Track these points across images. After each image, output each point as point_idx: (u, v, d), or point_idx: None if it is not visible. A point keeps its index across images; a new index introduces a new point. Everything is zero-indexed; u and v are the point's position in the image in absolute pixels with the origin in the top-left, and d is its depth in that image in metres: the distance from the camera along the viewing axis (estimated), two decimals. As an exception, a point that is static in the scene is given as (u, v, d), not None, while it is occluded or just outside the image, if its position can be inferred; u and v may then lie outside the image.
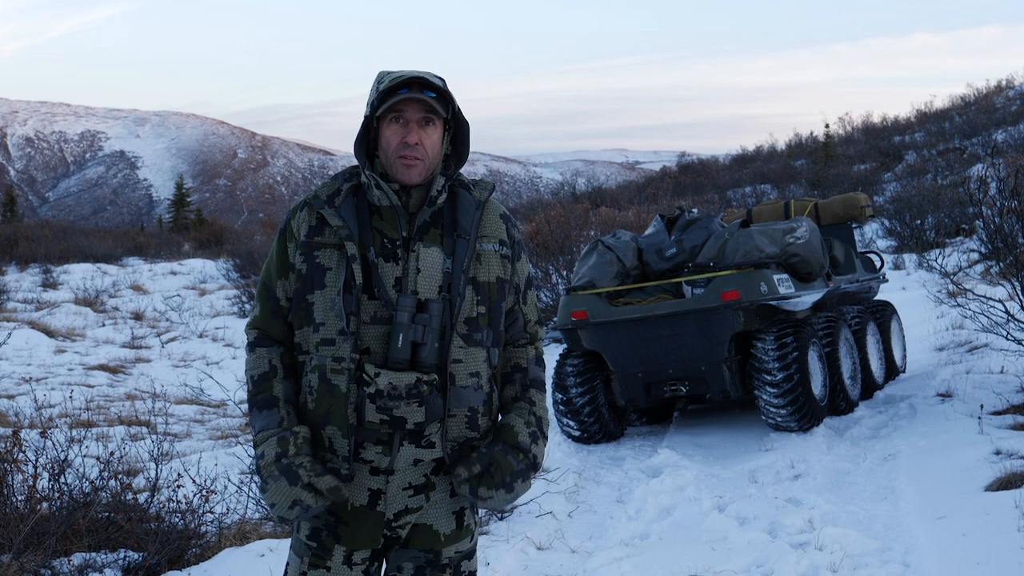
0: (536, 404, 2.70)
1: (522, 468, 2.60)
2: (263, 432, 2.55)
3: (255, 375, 2.61)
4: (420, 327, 2.47)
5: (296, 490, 2.47)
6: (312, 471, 2.47)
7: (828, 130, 41.19)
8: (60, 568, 4.58)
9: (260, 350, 2.62)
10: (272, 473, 2.49)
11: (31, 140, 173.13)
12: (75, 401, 9.98)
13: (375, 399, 2.46)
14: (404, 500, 2.57)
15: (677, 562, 5.03)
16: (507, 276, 2.66)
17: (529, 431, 2.63)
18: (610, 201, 28.12)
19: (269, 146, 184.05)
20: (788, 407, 7.39)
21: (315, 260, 2.56)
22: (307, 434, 2.54)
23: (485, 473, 2.56)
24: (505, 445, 2.60)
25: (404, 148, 2.55)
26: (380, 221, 2.58)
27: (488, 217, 2.67)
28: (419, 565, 2.63)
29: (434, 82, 2.55)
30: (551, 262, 14.65)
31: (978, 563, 4.47)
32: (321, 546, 2.58)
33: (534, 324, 2.79)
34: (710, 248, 7.78)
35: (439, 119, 2.59)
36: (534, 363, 2.75)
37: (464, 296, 2.54)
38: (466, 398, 2.55)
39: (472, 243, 2.58)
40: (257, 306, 2.67)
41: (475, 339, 2.57)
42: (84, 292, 21.21)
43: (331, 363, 2.50)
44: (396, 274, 2.53)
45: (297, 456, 2.49)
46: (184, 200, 51.70)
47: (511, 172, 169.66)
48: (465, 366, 2.55)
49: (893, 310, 9.91)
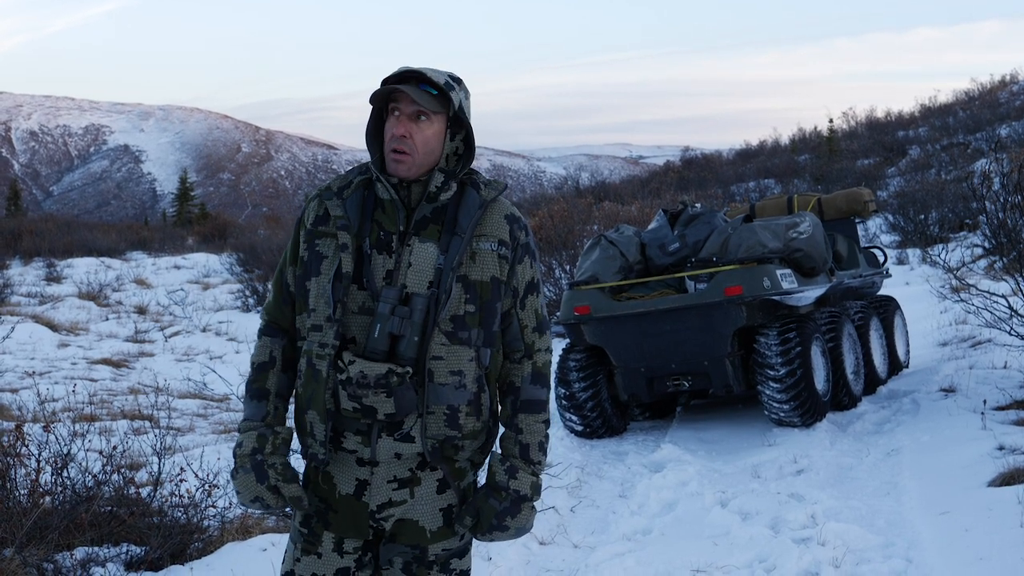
0: (523, 431, 2.66)
1: (506, 507, 2.62)
2: (247, 422, 2.65)
3: (256, 363, 2.69)
4: (399, 319, 2.49)
5: (261, 488, 2.57)
6: (282, 475, 2.57)
7: (832, 125, 41.19)
8: (62, 562, 4.59)
9: (265, 339, 2.71)
10: (244, 465, 2.59)
11: (35, 134, 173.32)
12: (78, 395, 9.99)
13: (346, 386, 2.49)
14: (388, 493, 2.58)
15: (679, 557, 5.03)
16: (503, 277, 2.63)
17: (506, 467, 2.63)
18: (613, 196, 28.06)
19: (273, 140, 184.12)
20: (791, 402, 7.38)
21: (315, 248, 2.62)
22: (287, 435, 2.64)
23: (476, 523, 2.63)
24: (487, 489, 2.64)
25: (394, 140, 2.56)
26: (382, 214, 2.61)
27: (491, 216, 2.65)
28: (407, 560, 2.64)
29: (434, 79, 2.55)
30: (554, 257, 14.65)
31: (981, 558, 4.47)
32: (312, 532, 2.63)
33: (532, 331, 2.69)
34: (713, 243, 7.78)
35: (434, 115, 2.58)
36: (528, 382, 2.68)
37: (450, 293, 2.54)
38: (444, 395, 2.54)
39: (467, 241, 2.57)
40: (272, 292, 2.76)
41: (460, 337, 2.55)
42: (88, 286, 21.24)
43: (316, 348, 2.54)
44: (388, 267, 2.55)
45: (272, 456, 2.59)
46: (188, 194, 51.79)
47: (515, 167, 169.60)
48: (446, 363, 2.54)
49: (896, 305, 9.90)
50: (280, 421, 2.66)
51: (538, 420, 2.68)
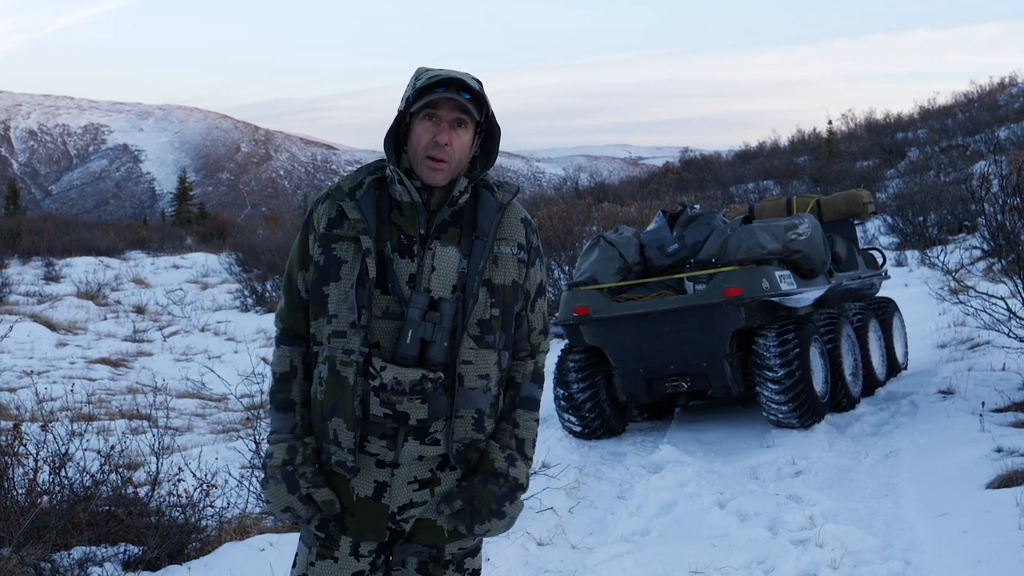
0: (520, 426, 2.68)
1: (504, 491, 2.61)
2: (276, 434, 2.64)
3: (277, 373, 2.67)
4: (430, 325, 2.48)
5: (292, 498, 2.58)
6: (312, 482, 2.57)
7: (831, 126, 41.22)
8: (60, 562, 4.58)
9: (284, 348, 2.67)
10: (275, 476, 2.59)
11: (34, 133, 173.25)
12: (76, 394, 9.99)
13: (379, 392, 2.48)
14: (408, 494, 2.58)
15: (678, 558, 5.03)
16: (521, 280, 2.65)
17: (505, 455, 2.63)
18: (612, 197, 28.08)
19: (272, 140, 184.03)
20: (789, 403, 7.38)
21: (332, 252, 2.58)
22: (316, 445, 2.62)
23: (472, 508, 2.58)
24: (483, 475, 2.61)
25: (434, 147, 2.54)
26: (399, 217, 2.59)
27: (508, 220, 2.66)
28: (423, 560, 2.64)
29: (471, 84, 2.54)
30: (553, 257, 14.66)
31: (979, 560, 4.47)
32: (329, 537, 2.61)
33: (538, 333, 2.74)
34: (712, 244, 7.78)
35: (471, 122, 2.59)
36: (529, 379, 2.72)
37: (477, 297, 2.54)
38: (474, 400, 2.56)
39: (489, 245, 2.58)
40: (283, 298, 2.72)
41: (487, 341, 2.57)
42: (86, 285, 21.24)
43: (341, 355, 2.52)
44: (411, 271, 2.54)
45: (302, 466, 2.58)
46: (187, 194, 51.79)
47: (514, 167, 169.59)
48: (475, 367, 2.55)
49: (895, 307, 9.90)
50: (308, 431, 2.63)
51: (533, 417, 2.71)
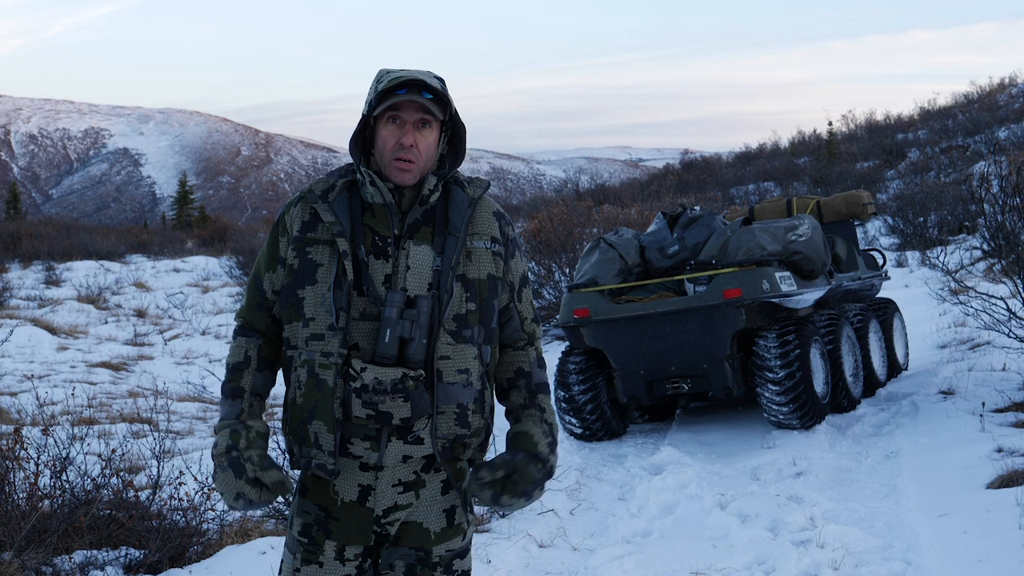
0: (546, 411, 2.72)
1: (540, 477, 2.63)
2: (222, 421, 2.63)
3: (231, 363, 2.68)
4: (408, 323, 2.49)
5: (240, 483, 2.54)
6: (259, 465, 2.55)
7: (831, 127, 41.16)
8: (61, 566, 4.59)
9: (240, 339, 2.69)
10: (221, 464, 2.56)
11: (35, 137, 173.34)
12: (77, 398, 9.99)
13: (360, 394, 2.48)
14: (393, 497, 2.58)
15: (679, 560, 5.04)
16: (499, 273, 2.66)
17: (547, 440, 2.66)
18: (613, 199, 28.09)
19: (272, 143, 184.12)
20: (790, 404, 7.39)
21: (307, 256, 2.59)
22: (262, 428, 2.63)
23: (508, 481, 2.59)
24: (527, 454, 2.62)
25: (399, 150, 2.56)
26: (372, 219, 2.60)
27: (480, 215, 2.67)
28: (410, 563, 2.63)
29: (432, 84, 2.55)
30: (554, 259, 14.65)
31: (979, 561, 4.47)
32: (312, 542, 2.60)
33: (531, 322, 2.77)
34: (712, 246, 7.79)
35: (436, 121, 2.60)
36: (536, 365, 2.75)
37: (452, 293, 2.55)
38: (454, 394, 2.56)
39: (461, 240, 2.59)
40: (245, 296, 2.73)
41: (464, 336, 2.58)
42: (87, 289, 21.23)
43: (320, 358, 2.52)
44: (386, 271, 2.55)
45: (247, 449, 2.57)
46: (187, 197, 51.81)
47: (514, 169, 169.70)
48: (453, 363, 2.56)
49: (895, 307, 9.90)
50: (254, 416, 2.64)
51: (551, 402, 2.76)
